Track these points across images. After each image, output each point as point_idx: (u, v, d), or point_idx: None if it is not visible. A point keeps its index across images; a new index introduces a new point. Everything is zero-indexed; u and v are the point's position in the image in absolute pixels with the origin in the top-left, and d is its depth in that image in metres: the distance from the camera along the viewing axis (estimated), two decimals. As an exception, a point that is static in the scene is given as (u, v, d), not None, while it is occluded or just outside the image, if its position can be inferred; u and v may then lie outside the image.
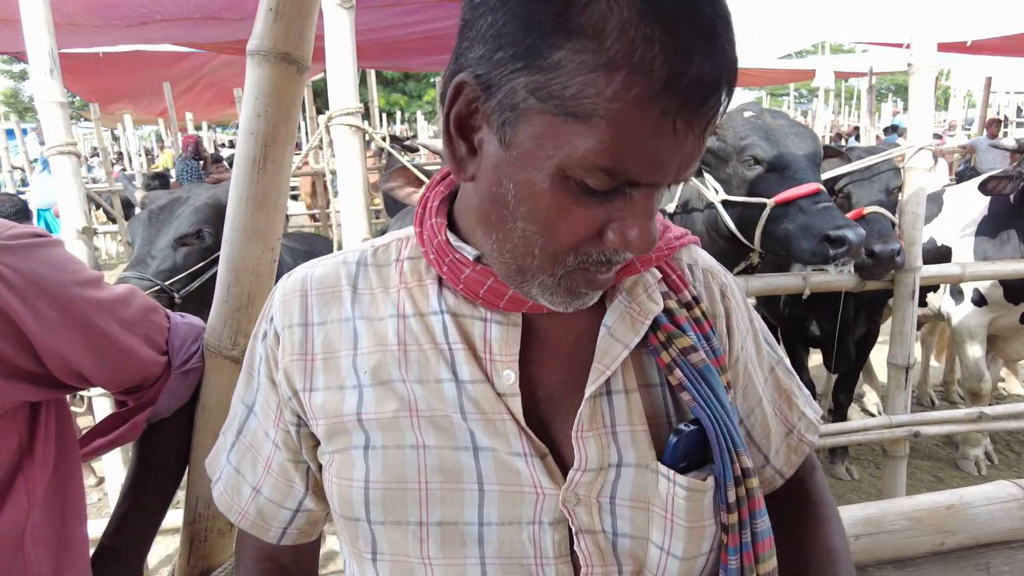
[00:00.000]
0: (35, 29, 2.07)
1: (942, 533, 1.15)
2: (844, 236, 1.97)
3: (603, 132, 0.48)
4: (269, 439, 0.70)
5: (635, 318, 0.64)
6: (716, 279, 0.74)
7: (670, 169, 0.51)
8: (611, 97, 0.47)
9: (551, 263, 0.56)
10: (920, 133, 2.45)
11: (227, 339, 0.96)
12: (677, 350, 0.63)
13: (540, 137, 0.50)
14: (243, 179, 0.93)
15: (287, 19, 0.89)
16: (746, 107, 2.39)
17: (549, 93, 0.49)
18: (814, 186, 2.08)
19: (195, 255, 2.07)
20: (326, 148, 5.62)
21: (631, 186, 0.52)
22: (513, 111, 0.51)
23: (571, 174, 0.51)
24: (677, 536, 0.61)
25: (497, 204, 0.56)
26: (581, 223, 0.53)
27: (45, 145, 2.25)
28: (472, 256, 0.62)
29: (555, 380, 0.64)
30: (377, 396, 0.62)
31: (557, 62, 0.48)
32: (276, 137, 0.91)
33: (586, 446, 0.61)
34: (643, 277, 0.67)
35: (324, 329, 0.65)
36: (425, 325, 0.64)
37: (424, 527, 0.61)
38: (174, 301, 2.01)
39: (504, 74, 0.51)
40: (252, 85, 0.90)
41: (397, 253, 0.69)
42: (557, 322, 0.65)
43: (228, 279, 0.95)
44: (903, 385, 2.67)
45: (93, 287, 0.80)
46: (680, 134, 0.49)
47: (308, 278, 0.68)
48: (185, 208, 2.13)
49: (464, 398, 0.61)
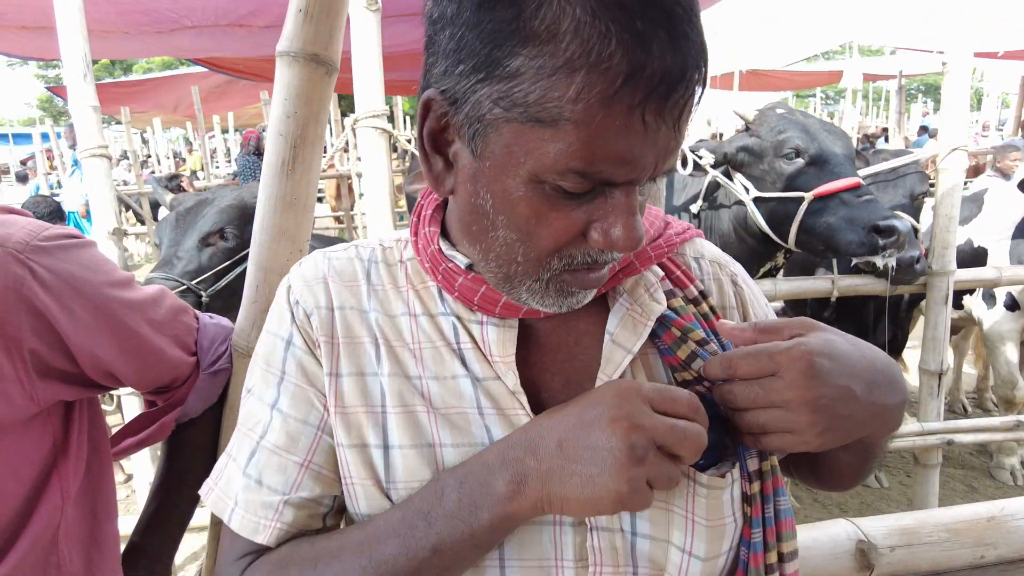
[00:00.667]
0: (69, 34, 2.11)
1: (982, 546, 1.11)
2: (893, 226, 1.96)
3: (571, 135, 0.48)
4: (310, 426, 0.64)
5: (637, 320, 0.63)
6: (725, 269, 0.73)
7: (645, 164, 0.50)
8: (574, 99, 0.47)
9: (535, 268, 0.56)
10: (954, 134, 2.40)
11: (255, 340, 0.95)
12: (694, 343, 0.63)
13: (510, 145, 0.50)
14: (272, 180, 0.93)
15: (317, 20, 0.89)
16: (776, 104, 2.39)
17: (513, 101, 0.49)
18: (855, 180, 2.08)
19: (220, 255, 2.10)
20: (352, 150, 5.68)
21: (609, 185, 0.51)
22: (480, 122, 0.51)
23: (545, 179, 0.50)
24: (699, 536, 0.60)
25: (477, 215, 0.56)
26: (561, 227, 0.53)
27: (77, 148, 2.29)
28: (464, 264, 0.63)
29: (557, 382, 0.64)
30: (396, 390, 0.62)
31: (516, 70, 0.48)
32: (305, 138, 0.91)
33: None
34: (644, 277, 0.66)
35: (344, 314, 0.65)
36: (435, 325, 0.64)
37: None
38: (201, 300, 2.03)
39: (467, 87, 0.51)
40: (281, 86, 0.90)
41: (399, 255, 0.69)
42: (556, 325, 0.65)
43: (256, 280, 0.96)
44: (936, 392, 2.61)
45: (125, 288, 0.80)
46: (651, 127, 0.48)
47: (327, 266, 0.68)
48: (210, 209, 2.16)
49: (481, 393, 0.62)
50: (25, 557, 0.73)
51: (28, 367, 0.70)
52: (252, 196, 2.21)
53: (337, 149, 2.97)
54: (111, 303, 0.77)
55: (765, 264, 2.48)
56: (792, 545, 0.63)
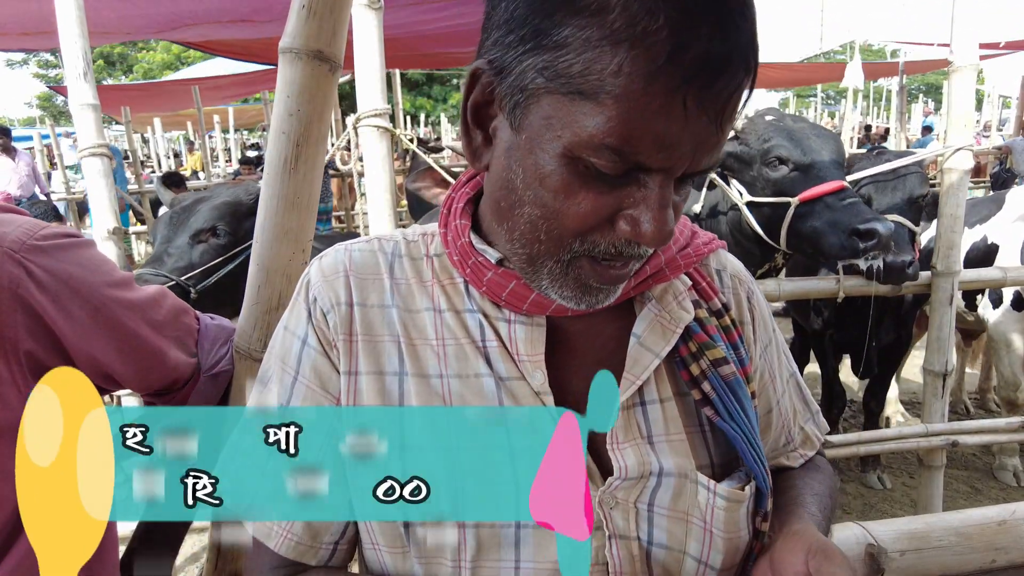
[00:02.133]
0: (69, 33, 2.09)
1: (993, 550, 1.10)
2: (873, 229, 1.97)
3: (610, 109, 0.47)
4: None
5: (666, 327, 0.63)
6: (744, 285, 0.73)
7: (682, 152, 0.49)
8: (615, 71, 0.46)
9: (556, 247, 0.54)
10: (959, 133, 2.38)
11: (257, 341, 0.95)
12: (708, 362, 0.62)
13: (549, 118, 0.50)
14: (275, 179, 0.91)
15: (320, 16, 0.87)
16: (767, 111, 2.40)
17: (556, 72, 0.48)
18: (838, 183, 2.10)
19: (211, 252, 2.09)
20: (354, 150, 5.65)
21: (643, 171, 0.50)
22: (523, 92, 0.51)
23: (579, 155, 0.50)
24: (716, 548, 0.60)
25: (507, 190, 0.55)
26: (589, 208, 0.52)
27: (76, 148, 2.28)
28: (495, 259, 0.61)
29: (584, 385, 0.62)
30: (418, 389, 0.61)
31: (563, 40, 0.48)
32: (308, 137, 0.90)
33: (624, 457, 0.60)
34: (673, 285, 0.65)
35: (364, 311, 0.64)
36: (461, 321, 0.63)
37: (462, 528, 0.59)
38: (190, 296, 2.03)
39: (515, 56, 0.51)
40: (284, 84, 0.89)
41: (426, 249, 0.68)
42: (584, 327, 0.64)
43: (259, 280, 0.94)
44: (940, 393, 2.59)
45: (124, 288, 0.79)
46: (691, 114, 0.47)
47: (347, 260, 0.66)
48: (204, 206, 2.16)
49: (503, 393, 0.60)
50: (23, 561, 0.71)
51: (24, 369, 0.69)
52: (247, 194, 2.20)
53: (338, 148, 2.95)
54: (109, 303, 0.76)
55: (763, 266, 2.49)
56: None
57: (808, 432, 0.78)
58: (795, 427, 0.76)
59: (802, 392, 0.78)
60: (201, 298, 2.04)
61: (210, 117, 11.22)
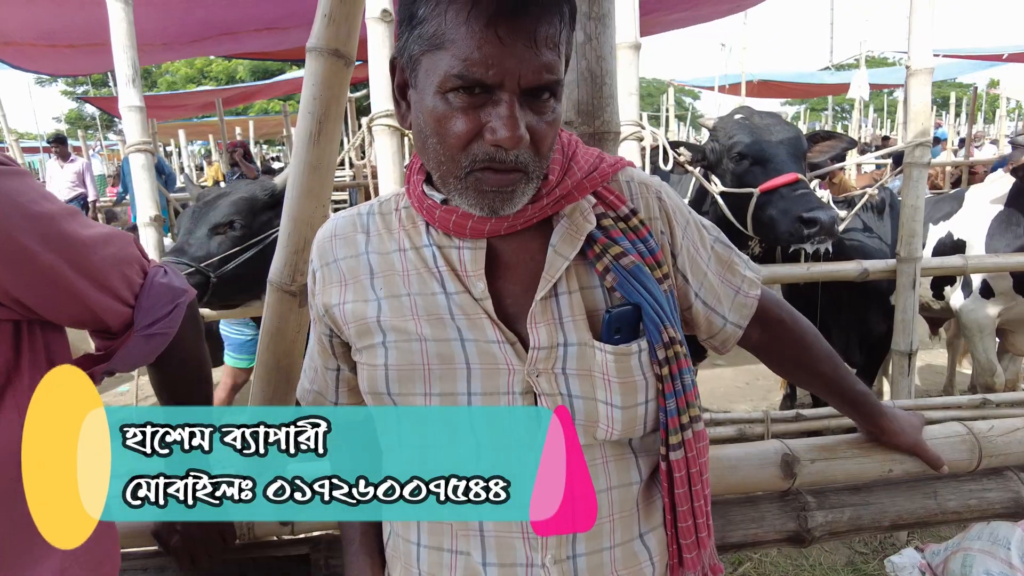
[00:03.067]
0: (120, 45, 2.40)
1: (890, 461, 1.31)
2: (816, 217, 2.21)
3: (451, 50, 0.69)
4: (314, 349, 0.95)
5: (573, 236, 0.82)
6: (651, 189, 0.91)
7: (508, 68, 0.68)
8: (449, 24, 0.69)
9: (453, 165, 0.74)
10: (917, 131, 2.61)
11: (287, 276, 1.21)
12: (610, 257, 0.83)
13: (427, 71, 0.72)
14: (302, 149, 1.18)
15: (337, 23, 1.14)
16: (739, 110, 2.66)
17: (422, 38, 0.71)
18: (792, 175, 2.34)
19: (228, 242, 2.33)
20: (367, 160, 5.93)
21: (488, 91, 0.70)
22: (411, 61, 0.74)
23: (445, 88, 0.70)
24: (614, 391, 0.81)
25: (419, 134, 0.76)
26: (463, 128, 0.71)
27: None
28: (439, 200, 0.82)
29: (516, 289, 0.83)
30: (391, 305, 0.84)
31: (421, 16, 0.71)
32: (328, 115, 1.16)
33: (538, 332, 0.81)
34: (580, 204, 0.85)
35: (347, 262, 0.88)
36: (420, 255, 0.84)
37: (427, 397, 0.80)
38: (210, 280, 2.27)
39: (405, 40, 0.74)
40: (310, 75, 1.16)
41: (396, 204, 0.91)
42: (515, 246, 0.84)
43: (288, 228, 1.20)
44: (907, 371, 2.79)
45: (51, 221, 0.80)
46: (506, 40, 0.67)
47: (333, 227, 0.91)
48: (222, 201, 2.39)
49: (452, 304, 0.81)
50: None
51: None
52: (263, 190, 2.44)
53: (353, 146, 3.24)
54: (17, 233, 0.77)
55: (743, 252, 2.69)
56: (696, 410, 0.85)
57: (750, 277, 0.98)
58: (736, 277, 0.96)
59: (729, 250, 0.98)
60: (220, 284, 2.28)
61: (232, 127, 11.63)
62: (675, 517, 0.85)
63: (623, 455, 0.85)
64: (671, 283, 0.87)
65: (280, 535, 1.22)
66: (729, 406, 4.63)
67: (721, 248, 0.97)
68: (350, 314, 0.85)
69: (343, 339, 0.89)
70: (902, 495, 1.37)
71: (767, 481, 1.29)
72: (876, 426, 1.23)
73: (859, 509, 1.35)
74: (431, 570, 0.85)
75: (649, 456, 0.88)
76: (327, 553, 1.16)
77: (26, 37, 3.94)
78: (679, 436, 0.83)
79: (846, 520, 1.33)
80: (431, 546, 0.85)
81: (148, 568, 1.19)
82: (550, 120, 0.74)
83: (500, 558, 0.81)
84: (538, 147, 0.74)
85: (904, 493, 1.37)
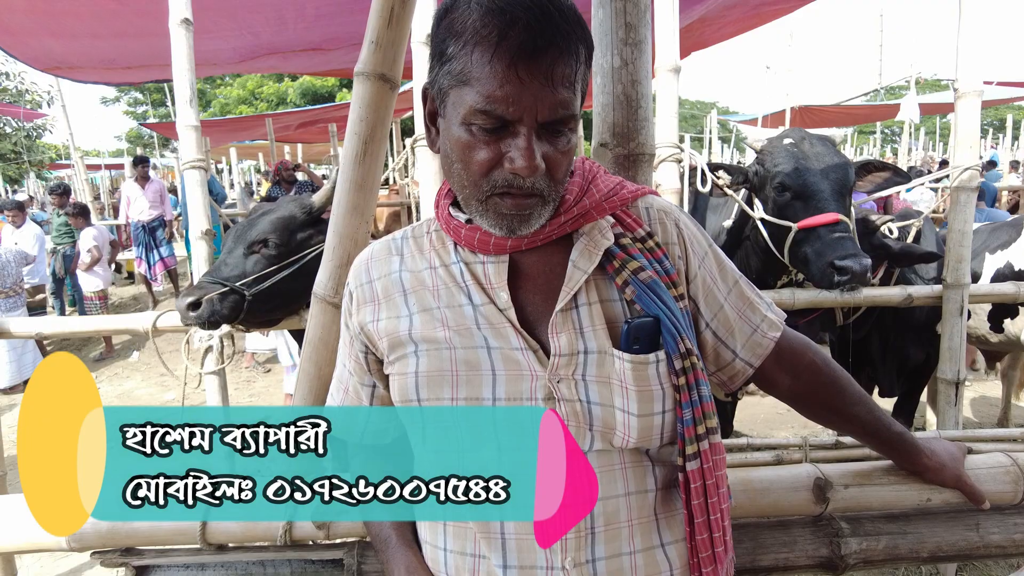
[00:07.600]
0: (180, 68, 2.53)
1: (928, 489, 1.28)
2: (847, 266, 2.17)
3: (476, 86, 0.75)
4: (346, 369, 1.00)
5: (591, 251, 0.88)
6: (670, 216, 0.95)
7: (527, 107, 0.74)
8: (474, 63, 0.75)
9: (475, 188, 0.80)
10: (965, 155, 2.56)
11: (331, 289, 1.26)
12: (629, 271, 0.87)
13: (454, 104, 0.78)
14: (348, 168, 1.24)
15: (384, 49, 1.20)
16: (787, 133, 2.56)
17: (451, 74, 0.77)
18: (832, 216, 2.27)
19: (263, 262, 2.34)
20: (411, 187, 6.06)
21: (509, 125, 0.76)
22: (441, 92, 0.80)
23: (470, 121, 0.77)
24: (631, 398, 0.84)
25: (446, 159, 0.83)
26: (485, 157, 0.78)
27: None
28: (464, 219, 0.89)
29: (538, 299, 0.88)
30: (422, 319, 0.89)
31: (451, 54, 0.77)
32: (373, 136, 1.22)
33: (559, 340, 0.85)
34: (598, 223, 0.90)
35: (381, 281, 0.94)
36: (449, 272, 0.90)
37: (454, 402, 0.85)
38: (245, 298, 2.28)
39: (436, 73, 0.80)
40: (357, 97, 1.22)
41: (427, 228, 0.97)
42: (536, 259, 0.89)
43: (333, 243, 1.26)
44: (954, 400, 2.71)
45: None
46: (525, 80, 0.73)
47: (371, 252, 0.98)
48: (262, 220, 2.42)
49: (478, 315, 0.87)
50: None
51: None
52: (301, 208, 2.42)
53: (397, 166, 3.33)
54: None
55: (781, 277, 2.65)
56: (713, 421, 0.87)
57: (771, 318, 0.99)
58: (756, 316, 0.98)
59: (752, 290, 0.99)
60: (255, 302, 2.30)
61: (281, 149, 12.00)
62: (693, 529, 0.86)
63: (640, 462, 0.88)
64: (685, 304, 0.90)
65: (316, 539, 1.26)
66: (769, 432, 4.54)
67: (745, 286, 1.00)
68: (383, 330, 0.91)
69: (377, 355, 0.94)
70: (942, 526, 1.33)
71: (799, 505, 1.28)
72: (916, 465, 1.22)
73: (896, 538, 1.32)
74: (456, 574, 0.88)
75: (665, 467, 0.90)
76: (359, 558, 1.19)
77: (88, 63, 4.21)
78: (695, 446, 0.85)
79: (881, 548, 1.30)
80: (455, 550, 0.88)
81: (190, 566, 1.24)
82: (564, 149, 0.80)
83: (520, 560, 0.84)
84: (553, 174, 0.80)
85: (944, 524, 1.34)
